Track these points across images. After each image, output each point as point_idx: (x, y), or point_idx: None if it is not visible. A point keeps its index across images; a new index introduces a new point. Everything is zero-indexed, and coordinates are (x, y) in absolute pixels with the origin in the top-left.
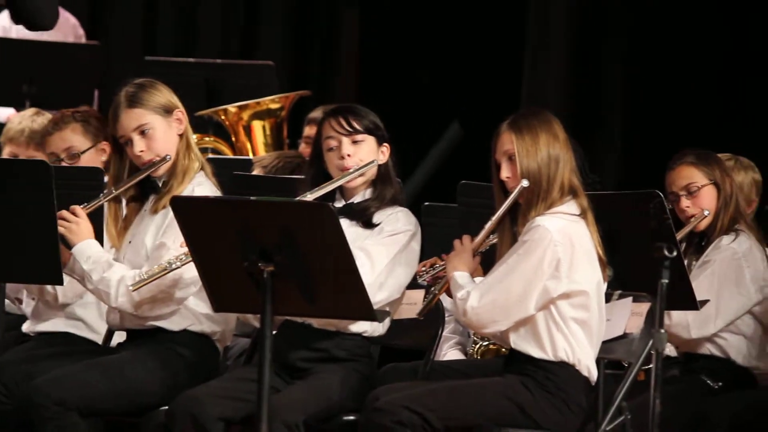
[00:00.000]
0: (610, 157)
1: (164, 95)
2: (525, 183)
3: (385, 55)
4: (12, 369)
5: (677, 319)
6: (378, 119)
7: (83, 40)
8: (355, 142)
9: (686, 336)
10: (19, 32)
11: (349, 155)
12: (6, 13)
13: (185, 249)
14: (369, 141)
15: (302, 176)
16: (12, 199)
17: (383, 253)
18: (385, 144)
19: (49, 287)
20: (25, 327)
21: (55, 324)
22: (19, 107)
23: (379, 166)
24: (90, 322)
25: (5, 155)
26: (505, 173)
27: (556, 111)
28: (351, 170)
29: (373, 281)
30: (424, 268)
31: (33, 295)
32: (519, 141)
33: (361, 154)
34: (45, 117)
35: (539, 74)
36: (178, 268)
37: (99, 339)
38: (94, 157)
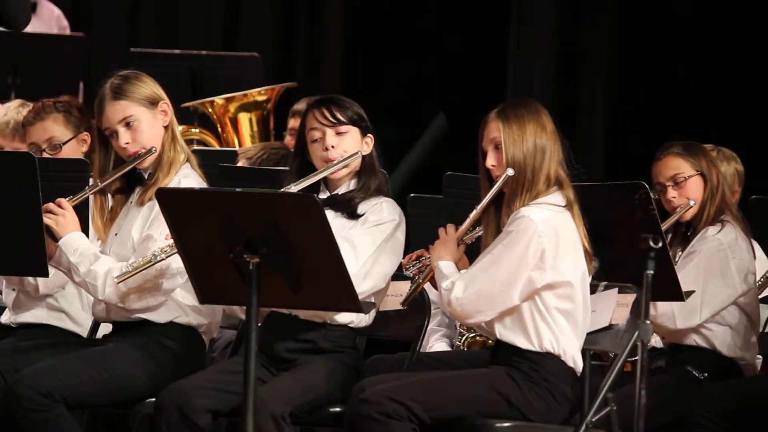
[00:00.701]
0: (595, 148)
1: (149, 87)
2: (510, 172)
3: (370, 46)
4: None
5: (663, 310)
6: (362, 110)
7: (67, 32)
8: (339, 133)
9: (672, 326)
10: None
11: (333, 146)
12: None
13: (170, 241)
14: (353, 132)
15: (287, 168)
16: None
17: (368, 243)
18: (369, 135)
19: (30, 278)
20: (5, 318)
21: (37, 315)
22: (4, 99)
23: (364, 157)
24: (72, 313)
25: None
26: (490, 161)
27: (542, 101)
28: (335, 161)
29: (357, 271)
30: (410, 261)
31: (13, 286)
32: (506, 129)
33: (345, 146)
34: (30, 108)
35: (524, 65)
36: (164, 260)
37: (82, 331)
38: (74, 148)
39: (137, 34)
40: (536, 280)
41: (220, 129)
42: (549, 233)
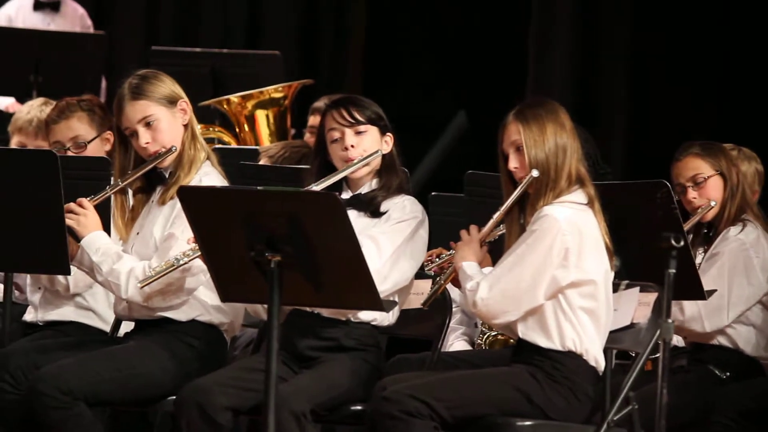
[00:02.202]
0: (616, 147)
1: (168, 86)
2: (535, 173)
3: (391, 44)
4: (19, 359)
5: (690, 314)
6: (380, 109)
7: (91, 31)
8: (358, 132)
9: (700, 330)
10: (25, 22)
11: (352, 146)
12: (13, 2)
13: (193, 244)
14: (372, 131)
15: (308, 166)
16: (19, 189)
17: (390, 240)
18: (389, 134)
19: (60, 278)
20: (30, 316)
21: (64, 313)
22: (26, 97)
23: (384, 156)
24: (100, 311)
25: (13, 144)
26: (513, 164)
27: (562, 101)
28: (356, 161)
29: (380, 268)
30: (429, 258)
31: (39, 285)
32: (526, 131)
33: (365, 145)
34: (53, 107)
35: (545, 64)
36: (186, 263)
37: (108, 328)
38: (98, 147)
39: (159, 33)
40: (560, 278)
41: (236, 127)
42: (572, 231)
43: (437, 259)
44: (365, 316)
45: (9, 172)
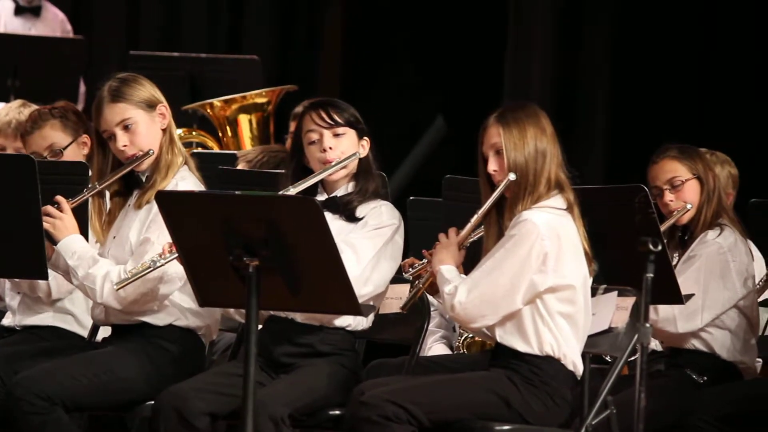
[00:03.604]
0: (593, 151)
1: (147, 90)
2: (512, 176)
3: (369, 49)
4: None
5: (664, 314)
6: (357, 113)
7: (71, 36)
8: (336, 135)
9: (673, 330)
10: (6, 26)
11: (330, 148)
12: None
13: (168, 247)
14: (350, 134)
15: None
16: None
17: (368, 247)
18: (365, 137)
19: (42, 283)
20: (8, 321)
21: (44, 318)
22: (4, 101)
23: (360, 159)
24: (78, 315)
25: None
26: (492, 166)
27: (540, 102)
28: (333, 163)
29: (359, 275)
30: (404, 265)
31: (19, 290)
32: (506, 134)
33: (343, 147)
34: (31, 108)
35: (521, 68)
36: (162, 266)
37: (86, 333)
38: (75, 152)
39: (138, 37)
40: (539, 283)
41: (219, 131)
42: (551, 236)
43: (411, 269)
44: (339, 321)
45: None
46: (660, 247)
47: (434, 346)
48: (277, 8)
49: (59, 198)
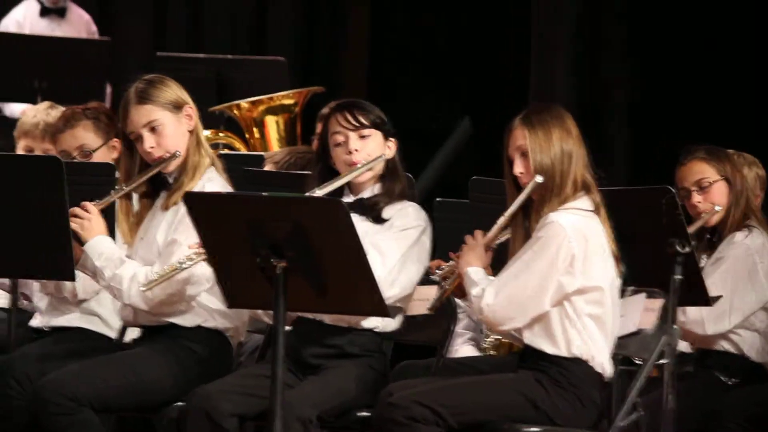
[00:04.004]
0: (618, 151)
1: (174, 91)
2: (539, 179)
3: (395, 51)
4: (26, 364)
5: (692, 316)
6: (383, 114)
7: (96, 37)
8: (362, 136)
9: (701, 332)
10: (32, 28)
11: (356, 150)
12: (21, 7)
13: (196, 248)
14: (376, 135)
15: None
16: (24, 195)
17: (395, 249)
18: (392, 138)
19: (68, 283)
20: (37, 322)
21: (70, 319)
22: (31, 102)
23: (387, 161)
24: (105, 317)
25: (20, 149)
26: (518, 169)
27: (564, 106)
28: (360, 165)
29: (385, 277)
30: (433, 270)
31: (47, 291)
32: (532, 136)
33: (369, 149)
34: (59, 110)
35: (548, 68)
36: (189, 267)
37: (113, 334)
38: (105, 155)
39: (164, 38)
40: (566, 285)
41: (246, 133)
42: (578, 238)
43: (438, 271)
44: (367, 323)
45: (14, 178)
46: (688, 249)
47: (462, 348)
48: (301, 8)
49: (86, 203)
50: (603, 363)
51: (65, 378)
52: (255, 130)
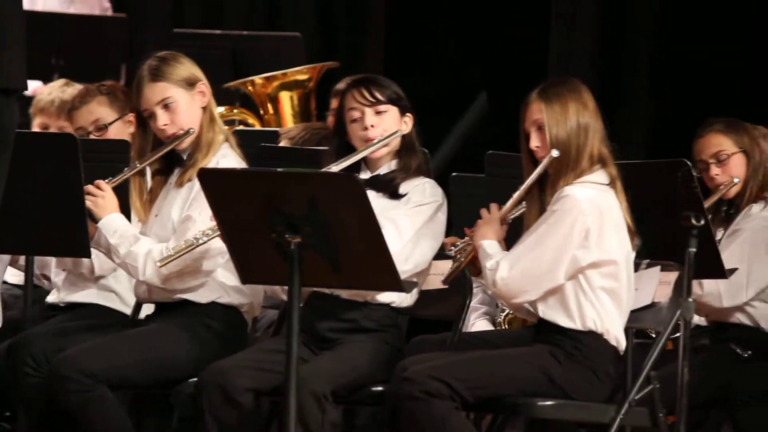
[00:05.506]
0: (638, 126)
1: (187, 68)
2: (555, 153)
3: (412, 25)
4: (41, 342)
5: (708, 289)
6: (400, 89)
7: (109, 13)
8: (378, 112)
9: (718, 305)
10: (45, 4)
11: (372, 126)
12: None
13: (211, 224)
14: (392, 111)
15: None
16: (39, 173)
17: (410, 224)
18: (408, 114)
19: (85, 260)
20: (53, 297)
21: (87, 295)
22: (47, 80)
23: (403, 136)
24: (122, 294)
25: (36, 126)
26: (534, 143)
27: (585, 80)
28: (375, 141)
29: (400, 251)
30: (449, 246)
31: (64, 267)
32: (548, 110)
33: (385, 125)
34: (75, 87)
35: (567, 42)
36: (205, 243)
37: (129, 311)
38: (121, 129)
39: (181, 15)
40: (581, 258)
41: (261, 109)
42: (593, 212)
43: (453, 247)
44: (384, 298)
45: (29, 155)
46: (703, 222)
47: (477, 322)
48: None
49: (99, 181)
50: (617, 336)
51: (83, 355)
52: (269, 106)
